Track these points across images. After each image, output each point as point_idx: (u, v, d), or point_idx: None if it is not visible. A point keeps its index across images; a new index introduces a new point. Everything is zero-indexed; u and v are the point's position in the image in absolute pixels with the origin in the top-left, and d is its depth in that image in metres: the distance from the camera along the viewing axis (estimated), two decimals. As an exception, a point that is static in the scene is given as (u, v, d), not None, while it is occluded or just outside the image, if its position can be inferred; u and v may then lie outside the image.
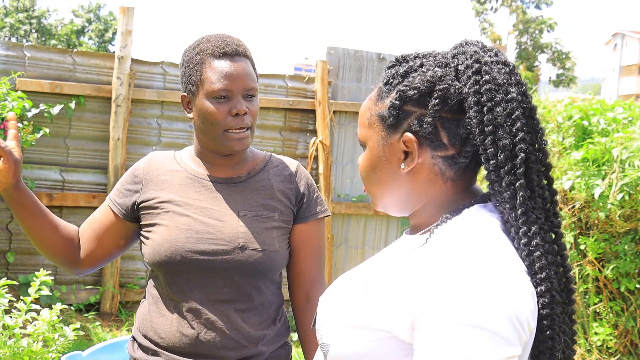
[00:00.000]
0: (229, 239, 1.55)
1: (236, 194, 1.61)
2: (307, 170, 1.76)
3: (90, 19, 28.58)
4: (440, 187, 1.04)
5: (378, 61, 5.29)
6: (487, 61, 1.01)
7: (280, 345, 1.65)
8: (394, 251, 1.09)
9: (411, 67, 1.06)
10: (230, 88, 1.54)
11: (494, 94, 0.99)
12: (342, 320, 1.01)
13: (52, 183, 4.55)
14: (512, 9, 27.47)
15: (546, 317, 0.95)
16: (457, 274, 0.89)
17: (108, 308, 4.62)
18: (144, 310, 1.64)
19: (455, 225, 0.99)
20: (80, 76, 4.61)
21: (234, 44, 1.59)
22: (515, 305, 0.88)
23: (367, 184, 1.11)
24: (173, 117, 4.79)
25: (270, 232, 1.59)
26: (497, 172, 0.99)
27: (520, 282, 0.92)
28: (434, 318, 0.88)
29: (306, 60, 43.09)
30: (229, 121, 1.54)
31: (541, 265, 0.96)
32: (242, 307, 1.57)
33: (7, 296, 2.10)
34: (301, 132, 5.13)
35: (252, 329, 1.57)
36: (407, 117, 1.03)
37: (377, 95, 1.10)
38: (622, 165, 3.58)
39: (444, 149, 1.02)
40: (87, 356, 2.05)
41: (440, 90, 1.00)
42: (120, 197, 1.65)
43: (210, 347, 1.54)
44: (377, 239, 5.34)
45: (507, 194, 0.98)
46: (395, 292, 0.94)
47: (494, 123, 0.98)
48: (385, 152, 1.05)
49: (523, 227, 0.97)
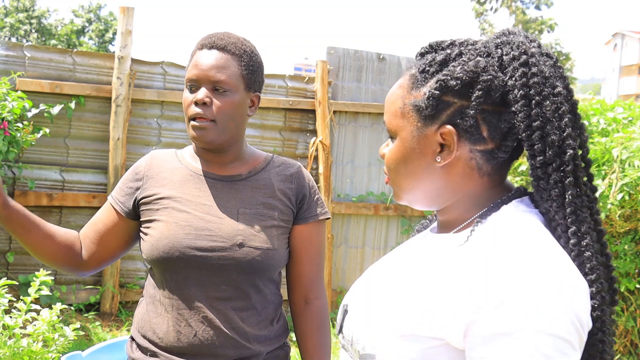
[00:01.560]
0: (228, 236, 1.55)
1: (236, 191, 1.61)
2: (307, 171, 1.76)
3: (90, 19, 28.58)
4: (475, 182, 0.99)
5: (378, 61, 5.29)
6: (534, 52, 0.96)
7: (278, 346, 1.65)
8: (428, 251, 1.03)
9: (449, 54, 0.99)
10: (196, 77, 1.56)
11: (542, 88, 0.94)
12: (388, 330, 0.95)
13: (52, 183, 4.55)
14: (512, 9, 27.46)
15: (597, 319, 0.91)
16: (517, 275, 0.84)
17: (108, 308, 4.62)
18: (142, 310, 1.64)
19: (497, 222, 0.95)
20: (80, 76, 4.61)
21: (218, 37, 1.60)
22: (577, 307, 0.85)
23: (394, 176, 1.04)
24: (173, 117, 4.79)
25: (270, 230, 1.59)
26: (544, 169, 0.94)
27: (579, 282, 0.88)
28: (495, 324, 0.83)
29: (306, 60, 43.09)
30: (191, 110, 1.56)
31: (592, 266, 0.91)
32: (240, 305, 1.57)
33: (7, 296, 2.10)
34: (301, 132, 5.13)
35: (251, 329, 1.57)
36: (446, 108, 0.97)
37: (410, 82, 1.02)
38: (622, 165, 3.58)
39: (483, 143, 0.97)
40: (87, 356, 2.04)
41: (484, 81, 0.95)
42: (123, 195, 1.66)
43: (208, 346, 1.54)
44: (377, 239, 5.34)
45: (555, 192, 0.94)
46: (444, 297, 0.89)
47: (542, 117, 0.93)
48: (420, 144, 0.99)
49: (572, 227, 0.92)
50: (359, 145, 5.26)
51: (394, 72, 5.32)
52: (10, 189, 4.39)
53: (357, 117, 5.24)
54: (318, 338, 1.66)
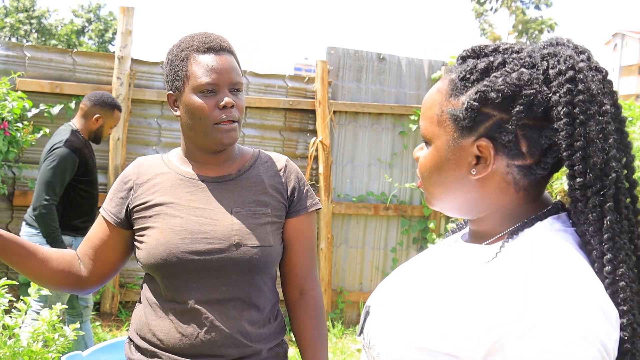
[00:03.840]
0: (224, 237, 1.55)
1: (228, 191, 1.61)
2: (305, 168, 1.76)
3: (90, 19, 28.57)
4: (511, 197, 0.96)
5: (378, 61, 5.29)
6: (582, 67, 0.91)
7: (277, 343, 1.65)
8: (456, 262, 0.99)
9: (492, 62, 0.94)
10: (217, 82, 1.54)
11: (588, 106, 0.89)
12: (404, 341, 0.93)
13: (52, 183, 4.54)
14: (512, 9, 27.48)
15: (626, 352, 0.87)
16: (545, 302, 0.82)
17: (108, 308, 4.62)
18: (139, 313, 1.64)
19: (529, 240, 0.91)
20: (80, 76, 4.61)
21: (217, 39, 1.60)
22: (604, 336, 0.82)
23: (427, 183, 1.01)
24: (173, 117, 4.79)
25: (264, 227, 1.59)
26: (583, 191, 0.90)
27: (608, 311, 0.84)
28: (521, 351, 0.81)
29: (306, 60, 43.11)
30: (216, 114, 1.54)
31: (625, 297, 0.87)
32: (241, 305, 1.57)
33: (7, 296, 2.09)
34: (301, 132, 5.13)
35: (251, 327, 1.57)
36: (484, 120, 0.92)
37: (450, 89, 0.97)
38: (622, 166, 3.57)
39: (521, 158, 0.93)
40: (87, 356, 2.05)
41: (526, 95, 0.90)
42: (114, 206, 1.64)
43: (210, 347, 1.54)
44: (377, 239, 5.34)
45: (593, 216, 0.89)
46: (466, 316, 0.87)
47: (585, 138, 0.88)
48: (455, 154, 0.95)
49: (608, 254, 0.88)
50: (359, 145, 5.26)
51: (394, 72, 5.33)
52: (10, 189, 4.39)
53: (357, 117, 5.24)
54: (315, 328, 1.67)
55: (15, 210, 4.47)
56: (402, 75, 5.34)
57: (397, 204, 5.30)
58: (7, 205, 4.45)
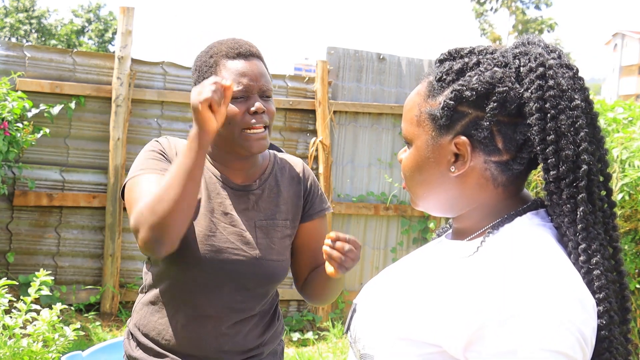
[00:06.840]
0: (248, 249, 1.56)
1: (252, 203, 1.60)
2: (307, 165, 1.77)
3: (90, 19, 28.55)
4: (490, 193, 0.99)
5: (378, 61, 5.29)
6: (552, 64, 0.95)
7: (277, 343, 1.68)
8: (439, 257, 1.03)
9: (467, 63, 0.98)
10: (248, 87, 1.52)
11: (558, 101, 0.93)
12: (388, 332, 0.96)
13: (52, 183, 4.54)
14: (512, 9, 27.46)
15: (604, 339, 0.90)
16: (522, 293, 0.84)
17: (108, 308, 4.62)
18: (142, 307, 1.62)
19: (508, 235, 0.94)
20: (80, 76, 4.61)
21: (246, 44, 1.58)
22: (582, 324, 0.84)
23: (410, 183, 1.05)
24: (173, 117, 4.79)
25: (284, 241, 1.61)
26: (557, 183, 0.93)
27: (585, 300, 0.87)
28: (499, 341, 0.83)
29: (306, 60, 43.11)
30: (247, 119, 1.51)
31: (600, 285, 0.90)
32: (251, 313, 1.59)
33: (7, 296, 2.10)
34: (301, 132, 5.13)
35: (258, 333, 1.61)
36: (461, 118, 0.96)
37: (427, 90, 1.01)
38: (622, 166, 3.58)
39: (498, 154, 0.96)
40: (87, 356, 2.05)
41: (499, 93, 0.94)
42: (163, 160, 1.56)
43: (216, 352, 1.55)
44: (377, 239, 5.34)
45: (567, 208, 0.93)
46: (448, 306, 0.89)
47: (556, 132, 0.92)
48: (434, 153, 0.99)
49: (583, 244, 0.91)
50: (359, 146, 5.26)
51: (394, 72, 5.32)
52: (10, 189, 4.39)
53: (357, 117, 5.24)
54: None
55: (15, 210, 4.47)
56: (402, 75, 5.34)
57: (397, 204, 5.30)
58: (7, 205, 4.45)
